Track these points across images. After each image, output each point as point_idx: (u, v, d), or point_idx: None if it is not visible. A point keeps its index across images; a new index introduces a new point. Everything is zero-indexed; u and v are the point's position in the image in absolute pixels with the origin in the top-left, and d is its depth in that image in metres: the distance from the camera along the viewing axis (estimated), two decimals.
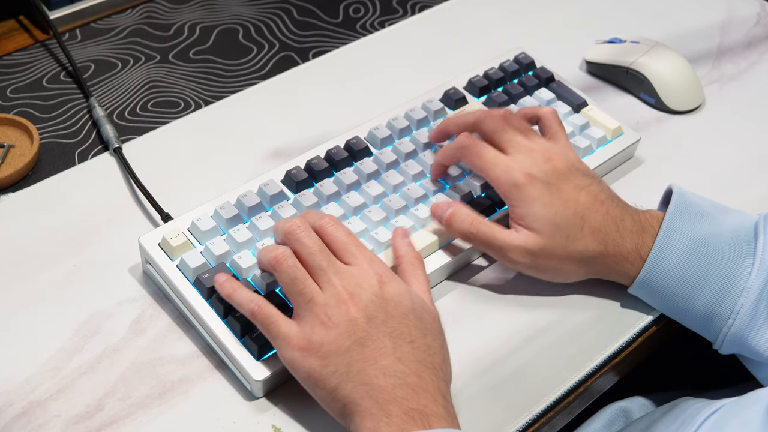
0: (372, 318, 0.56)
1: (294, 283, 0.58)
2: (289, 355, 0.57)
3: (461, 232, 0.66)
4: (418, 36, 0.92)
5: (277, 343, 0.57)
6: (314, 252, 0.59)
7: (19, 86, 0.83)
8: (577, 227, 0.64)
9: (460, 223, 0.66)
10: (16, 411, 0.59)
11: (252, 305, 0.58)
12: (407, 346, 0.56)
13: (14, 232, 0.70)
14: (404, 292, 0.58)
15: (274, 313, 0.58)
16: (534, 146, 0.67)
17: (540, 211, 0.64)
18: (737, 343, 0.64)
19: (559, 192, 0.65)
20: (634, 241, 0.65)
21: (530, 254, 0.65)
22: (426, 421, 0.53)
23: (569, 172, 0.66)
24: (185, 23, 0.92)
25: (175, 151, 0.78)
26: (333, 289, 0.57)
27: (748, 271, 0.63)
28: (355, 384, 0.54)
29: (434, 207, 0.68)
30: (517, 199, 0.65)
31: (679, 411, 0.65)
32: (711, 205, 0.67)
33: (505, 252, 0.65)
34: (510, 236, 0.65)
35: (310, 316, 0.57)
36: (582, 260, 0.65)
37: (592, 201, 0.65)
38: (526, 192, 0.64)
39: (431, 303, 0.60)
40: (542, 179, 0.65)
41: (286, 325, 0.57)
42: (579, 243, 0.65)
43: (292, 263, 0.58)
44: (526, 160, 0.65)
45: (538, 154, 0.66)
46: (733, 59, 0.92)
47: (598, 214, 0.65)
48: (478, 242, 0.66)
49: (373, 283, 0.58)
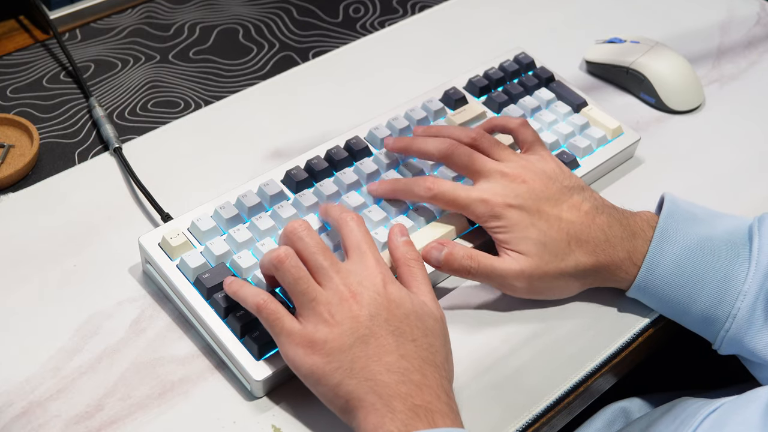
0: (375, 316, 0.56)
1: (297, 282, 0.58)
2: (291, 352, 0.57)
3: (462, 269, 0.65)
4: (418, 36, 0.92)
5: (280, 340, 0.58)
6: (316, 251, 0.59)
7: (19, 86, 0.83)
8: (564, 243, 0.64)
9: (459, 260, 0.65)
10: (16, 411, 0.59)
11: (257, 299, 0.58)
12: (410, 344, 0.56)
13: (14, 232, 0.70)
14: (405, 295, 0.58)
15: (279, 309, 0.58)
16: (507, 169, 0.66)
17: (522, 234, 0.64)
18: (736, 345, 0.64)
19: (539, 213, 0.64)
20: (625, 248, 0.65)
21: (526, 278, 0.64)
22: (430, 418, 0.53)
23: (547, 190, 0.65)
24: (185, 23, 0.92)
25: (175, 151, 0.78)
26: (335, 287, 0.57)
27: (744, 274, 0.63)
28: (359, 380, 0.55)
29: (426, 252, 0.65)
30: (498, 227, 0.65)
31: (678, 410, 0.65)
32: (704, 211, 0.67)
33: (505, 280, 0.65)
34: (506, 263, 0.64)
35: (313, 314, 0.57)
36: (576, 275, 0.65)
37: (576, 214, 0.65)
38: (504, 219, 0.64)
39: (434, 303, 0.60)
40: (519, 205, 0.64)
41: (290, 322, 0.57)
42: (569, 259, 0.64)
43: (294, 263, 0.58)
44: (501, 188, 0.65)
45: (511, 178, 0.66)
46: (733, 59, 0.92)
47: (583, 227, 0.65)
48: (480, 275, 0.65)
49: (377, 282, 0.58)
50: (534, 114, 0.80)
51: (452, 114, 0.79)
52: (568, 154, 0.76)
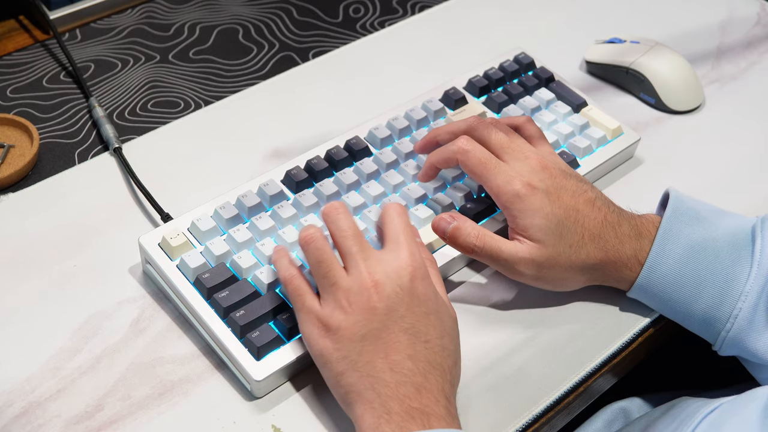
0: (392, 310, 0.56)
1: (319, 265, 0.58)
2: (307, 329, 0.58)
3: (466, 246, 0.65)
4: (418, 36, 0.92)
5: (300, 316, 0.59)
6: (347, 236, 0.59)
7: (19, 86, 0.83)
8: (579, 235, 0.64)
9: (465, 236, 0.64)
10: (16, 411, 0.59)
11: (286, 273, 0.60)
12: (421, 345, 0.56)
13: (14, 232, 0.70)
14: (431, 294, 0.58)
15: (303, 285, 0.59)
16: (528, 153, 0.66)
17: (543, 222, 0.63)
18: (736, 345, 0.64)
19: (560, 201, 0.64)
20: (632, 246, 0.65)
21: (536, 266, 0.64)
22: (426, 421, 0.53)
23: (565, 179, 0.65)
24: (185, 23, 0.92)
25: (175, 151, 0.78)
26: (359, 275, 0.57)
27: (746, 275, 0.63)
28: (362, 374, 0.55)
29: (436, 221, 0.66)
30: (519, 209, 0.64)
31: (677, 410, 0.65)
32: (708, 209, 0.67)
33: (511, 265, 0.64)
34: (515, 249, 0.64)
35: (332, 299, 0.57)
36: (584, 268, 0.65)
37: (590, 208, 0.65)
38: (528, 202, 0.63)
39: (449, 303, 0.60)
40: (542, 189, 0.64)
41: (312, 300, 0.58)
42: (581, 251, 0.64)
43: (321, 245, 0.59)
44: (524, 168, 0.65)
45: (534, 162, 0.65)
46: (733, 59, 0.92)
47: (596, 221, 0.65)
48: (484, 256, 0.65)
49: (403, 275, 0.57)
50: (534, 114, 0.80)
51: (452, 114, 0.79)
52: (568, 154, 0.76)
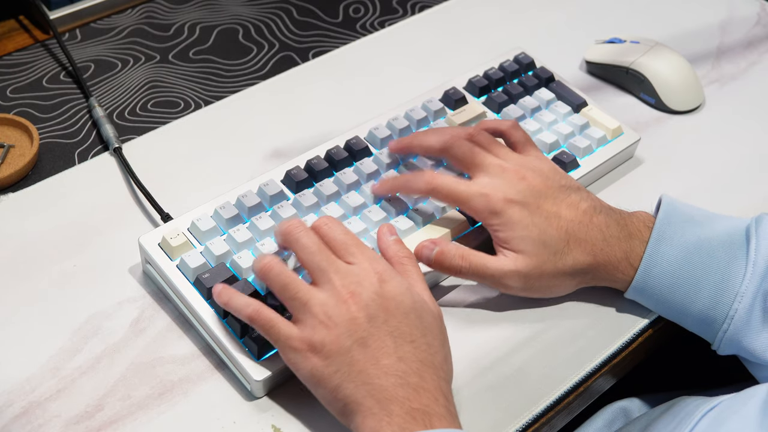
0: (373, 317, 0.56)
1: (285, 289, 0.57)
2: (291, 356, 0.57)
3: (452, 268, 0.65)
4: (418, 36, 0.92)
5: (279, 346, 0.57)
6: (314, 252, 0.58)
7: (19, 86, 0.83)
8: (563, 242, 0.64)
9: (450, 259, 0.64)
10: (16, 411, 0.59)
11: (249, 310, 0.58)
12: (408, 346, 0.56)
13: (14, 232, 0.70)
14: (405, 290, 0.58)
15: (273, 316, 0.57)
16: (506, 164, 0.66)
17: (524, 232, 0.64)
18: (734, 345, 0.64)
19: (539, 210, 0.64)
20: (622, 248, 0.65)
21: (522, 277, 0.64)
22: (428, 421, 0.53)
23: (546, 187, 0.65)
24: (185, 23, 0.92)
25: (175, 151, 0.78)
26: (333, 289, 0.57)
27: (741, 276, 0.63)
28: (357, 384, 0.55)
29: (418, 249, 0.65)
30: (498, 225, 0.64)
31: (677, 409, 0.65)
32: (701, 213, 0.67)
33: (498, 279, 0.64)
34: (500, 262, 0.64)
35: (309, 317, 0.56)
36: (573, 273, 0.65)
37: (574, 213, 0.65)
38: (506, 216, 0.64)
39: (431, 300, 0.60)
40: (520, 201, 0.64)
41: (287, 327, 0.57)
42: (568, 258, 0.64)
43: (279, 270, 0.58)
44: (501, 183, 0.65)
45: (511, 174, 0.65)
46: (733, 59, 0.92)
47: (582, 226, 0.65)
48: (471, 275, 0.65)
49: (374, 282, 0.57)
50: (534, 114, 0.80)
51: (452, 114, 0.79)
52: (568, 154, 0.76)
